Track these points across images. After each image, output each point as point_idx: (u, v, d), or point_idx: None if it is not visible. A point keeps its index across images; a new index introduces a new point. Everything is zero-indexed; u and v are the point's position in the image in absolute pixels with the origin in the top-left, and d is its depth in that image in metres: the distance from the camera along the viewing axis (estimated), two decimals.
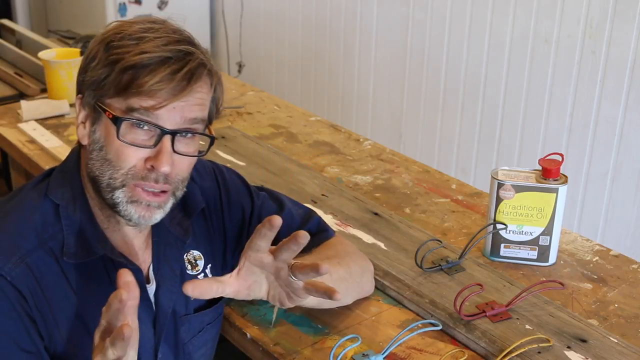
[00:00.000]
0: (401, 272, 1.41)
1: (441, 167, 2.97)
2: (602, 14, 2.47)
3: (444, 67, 3.02)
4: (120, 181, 1.07)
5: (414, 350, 1.22)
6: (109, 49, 1.06)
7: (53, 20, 4.24)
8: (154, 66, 1.03)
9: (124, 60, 1.03)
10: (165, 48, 1.04)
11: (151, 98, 1.03)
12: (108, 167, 1.07)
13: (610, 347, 1.23)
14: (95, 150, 1.08)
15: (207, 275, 1.28)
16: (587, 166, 2.63)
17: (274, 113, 2.20)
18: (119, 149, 1.06)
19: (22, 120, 2.06)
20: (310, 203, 1.63)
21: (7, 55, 2.55)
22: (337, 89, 3.55)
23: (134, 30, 1.06)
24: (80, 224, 1.10)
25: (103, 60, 1.06)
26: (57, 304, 1.07)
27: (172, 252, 1.21)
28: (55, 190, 1.11)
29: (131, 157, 1.06)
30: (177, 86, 1.04)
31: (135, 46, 1.04)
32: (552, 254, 1.47)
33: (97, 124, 1.08)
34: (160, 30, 1.07)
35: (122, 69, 1.03)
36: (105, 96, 1.06)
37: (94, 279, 1.10)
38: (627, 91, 2.46)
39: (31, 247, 1.06)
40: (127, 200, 1.08)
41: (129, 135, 1.05)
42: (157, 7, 3.90)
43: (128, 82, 1.03)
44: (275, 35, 3.83)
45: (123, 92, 1.04)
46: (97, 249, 1.10)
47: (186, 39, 1.09)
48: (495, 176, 1.45)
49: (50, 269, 1.07)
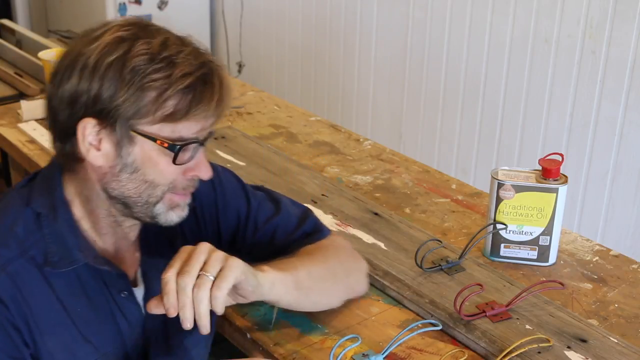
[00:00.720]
0: (401, 272, 1.41)
1: (441, 167, 2.97)
2: (602, 14, 2.47)
3: (444, 67, 3.02)
4: (159, 196, 1.09)
5: (414, 350, 1.22)
6: (136, 74, 1.01)
7: (53, 20, 4.24)
8: (197, 91, 1.03)
9: (170, 90, 1.01)
10: (196, 64, 1.04)
11: (198, 123, 1.05)
12: (147, 188, 1.07)
13: (610, 347, 1.23)
14: (124, 173, 1.06)
15: None
16: (587, 166, 2.63)
17: (274, 113, 2.20)
18: (165, 169, 1.06)
19: (22, 120, 2.06)
20: (310, 203, 1.63)
21: (7, 55, 2.55)
22: (337, 89, 3.54)
23: (156, 51, 1.02)
24: (61, 233, 1.08)
25: (131, 87, 1.01)
26: (41, 312, 1.06)
27: (161, 255, 1.20)
28: (37, 199, 1.10)
29: (173, 173, 1.08)
30: (218, 106, 1.06)
31: (171, 69, 1.02)
32: (552, 254, 1.47)
33: (127, 147, 1.05)
34: (177, 42, 1.05)
35: (166, 98, 1.01)
36: (145, 124, 1.03)
37: (79, 285, 1.09)
38: (627, 91, 2.46)
39: (12, 256, 1.05)
40: (167, 209, 1.10)
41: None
42: (157, 7, 3.90)
43: (176, 110, 1.02)
44: (275, 35, 3.83)
45: (170, 120, 1.03)
46: (79, 257, 1.08)
47: (195, 43, 1.08)
48: (495, 176, 1.45)
49: (32, 278, 1.06)
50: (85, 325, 1.10)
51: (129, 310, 1.14)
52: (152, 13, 3.89)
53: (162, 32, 1.07)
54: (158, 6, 3.90)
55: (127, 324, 1.14)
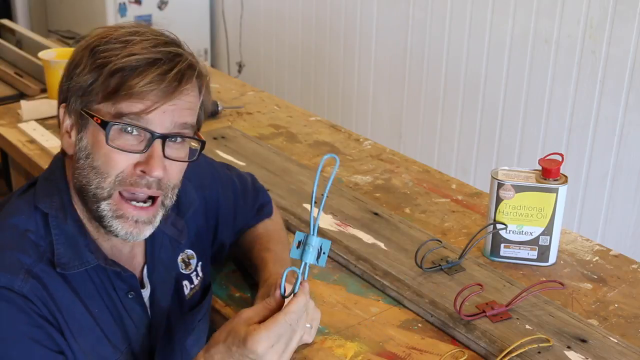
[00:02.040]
0: (401, 272, 1.41)
1: (441, 167, 2.97)
2: (602, 14, 2.47)
3: (444, 67, 3.02)
4: (107, 190, 1.04)
5: (414, 350, 1.22)
6: (95, 53, 1.03)
7: (53, 20, 4.24)
8: (143, 68, 1.01)
9: (112, 64, 1.01)
10: (153, 50, 1.02)
11: (141, 101, 1.01)
12: (95, 176, 1.04)
13: (610, 347, 1.22)
14: (81, 159, 1.05)
15: (199, 273, 1.28)
16: (587, 166, 2.63)
17: (274, 113, 2.20)
18: (108, 155, 1.03)
19: (22, 120, 2.06)
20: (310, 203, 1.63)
21: (7, 55, 2.55)
22: (337, 89, 3.55)
23: (119, 34, 1.04)
24: (71, 234, 1.07)
25: (89, 65, 1.03)
26: (69, 314, 1.06)
27: (166, 254, 1.20)
28: (43, 200, 1.09)
29: (120, 162, 1.03)
30: (168, 87, 1.02)
31: (123, 49, 1.02)
32: (552, 254, 1.47)
33: (83, 132, 1.05)
34: (147, 33, 1.05)
35: (110, 73, 1.01)
36: (93, 102, 1.03)
37: (93, 286, 1.09)
38: (627, 91, 2.46)
39: (32, 261, 1.04)
40: (113, 215, 1.05)
41: (118, 140, 1.03)
42: (157, 7, 3.90)
43: (117, 85, 1.01)
44: (275, 36, 3.83)
45: (112, 97, 1.01)
46: (90, 258, 1.08)
47: (174, 41, 1.07)
48: (495, 176, 1.45)
49: (54, 280, 1.05)
50: (105, 326, 1.10)
51: (134, 312, 1.14)
52: (152, 13, 3.89)
53: (151, 29, 1.07)
54: (158, 6, 3.90)
55: (134, 324, 1.14)
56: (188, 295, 1.25)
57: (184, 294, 1.24)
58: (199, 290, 1.28)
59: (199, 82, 1.08)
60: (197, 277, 1.27)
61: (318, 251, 1.00)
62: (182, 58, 1.04)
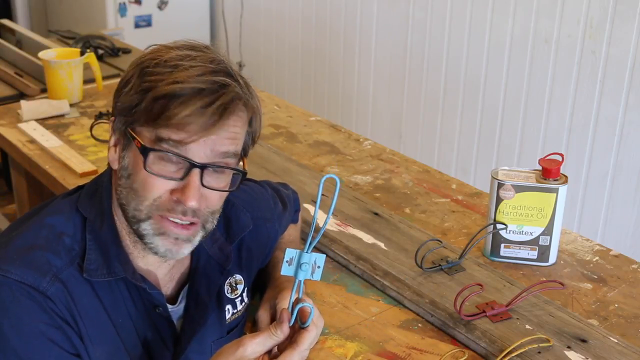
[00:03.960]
0: (401, 272, 1.41)
1: (441, 167, 2.97)
2: (602, 14, 2.47)
3: (444, 67, 3.02)
4: (145, 213, 1.03)
5: (414, 350, 1.23)
6: (143, 75, 1.01)
7: (53, 20, 4.24)
8: (186, 98, 0.98)
9: (156, 89, 0.99)
10: (199, 79, 0.99)
11: (181, 131, 0.99)
12: (133, 197, 1.03)
13: (610, 347, 1.23)
14: (123, 177, 1.05)
15: (244, 299, 1.26)
16: (587, 166, 2.63)
17: (274, 113, 2.20)
18: (146, 179, 1.02)
19: (22, 120, 2.06)
20: (310, 203, 1.63)
21: (7, 55, 2.55)
22: (337, 89, 3.55)
23: (170, 57, 1.02)
24: (104, 242, 1.07)
25: (136, 86, 1.02)
26: (90, 321, 1.06)
27: (211, 276, 1.18)
28: (85, 203, 1.09)
29: (157, 188, 1.02)
30: (208, 121, 0.99)
31: (169, 74, 1.00)
32: (552, 254, 1.47)
33: (126, 151, 1.04)
34: (198, 58, 1.02)
35: (153, 98, 0.99)
36: (136, 123, 1.02)
37: (120, 295, 1.09)
38: (627, 91, 2.46)
39: (62, 265, 1.04)
40: (155, 233, 1.04)
41: (157, 165, 1.01)
42: (157, 7, 3.90)
43: (159, 112, 0.99)
44: (275, 36, 3.83)
45: (153, 122, 1.00)
46: (119, 270, 1.07)
47: (223, 70, 1.03)
48: (495, 176, 1.45)
49: (81, 286, 1.05)
50: (125, 337, 1.10)
51: (162, 326, 1.13)
52: (152, 13, 3.89)
53: (205, 53, 1.04)
54: (158, 6, 3.90)
55: (161, 339, 1.13)
56: (229, 319, 1.23)
57: (225, 318, 1.22)
58: (241, 315, 1.26)
59: (247, 112, 1.05)
60: (241, 303, 1.26)
61: (312, 266, 0.98)
62: (227, 89, 1.01)
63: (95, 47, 2.62)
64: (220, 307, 1.21)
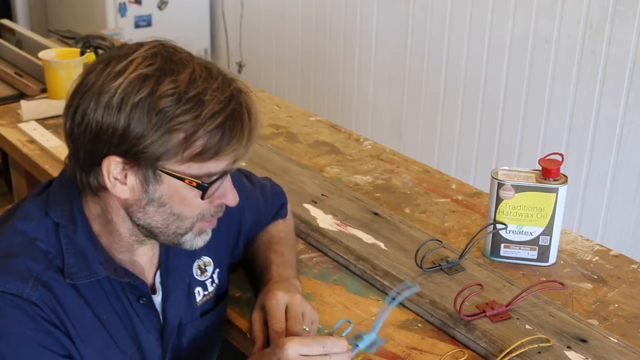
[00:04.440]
0: (401, 272, 1.41)
1: (441, 167, 2.97)
2: (602, 14, 2.47)
3: (444, 67, 3.02)
4: (188, 227, 1.08)
5: (414, 350, 1.22)
6: (163, 114, 0.97)
7: (53, 20, 4.24)
8: (227, 125, 1.00)
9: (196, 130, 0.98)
10: (223, 98, 1.00)
11: (227, 158, 1.03)
12: (175, 220, 1.06)
13: (610, 347, 1.23)
14: (151, 206, 1.05)
15: (215, 281, 1.27)
16: (587, 166, 2.63)
17: (274, 113, 2.20)
18: (192, 204, 1.05)
19: (22, 120, 2.06)
20: (310, 203, 1.63)
21: (7, 55, 2.55)
22: (337, 89, 3.55)
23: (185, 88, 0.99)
24: (80, 245, 1.07)
25: (162, 128, 0.98)
26: (77, 320, 1.06)
27: (181, 261, 1.20)
28: (55, 208, 1.08)
29: (200, 206, 1.06)
30: (249, 138, 1.04)
31: (198, 109, 0.98)
32: (552, 254, 1.47)
33: (154, 184, 1.02)
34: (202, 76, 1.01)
35: (194, 140, 0.99)
36: (169, 163, 1.00)
37: (103, 292, 1.09)
38: (627, 91, 2.46)
39: (42, 269, 1.04)
40: (195, 236, 1.10)
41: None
42: (157, 7, 3.90)
43: (203, 149, 0.99)
44: (275, 35, 3.83)
45: (196, 158, 1.00)
46: (100, 270, 1.07)
47: (223, 73, 1.05)
48: (495, 176, 1.45)
49: (63, 288, 1.05)
50: (114, 331, 1.10)
51: (146, 317, 1.14)
52: (152, 13, 3.88)
53: (188, 63, 1.01)
54: (158, 6, 3.90)
55: (145, 330, 1.14)
56: (200, 302, 1.24)
57: (195, 300, 1.23)
58: (213, 297, 1.27)
59: None
60: (212, 284, 1.27)
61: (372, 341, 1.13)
62: (241, 95, 1.05)
63: (95, 47, 2.62)
64: (191, 290, 1.23)
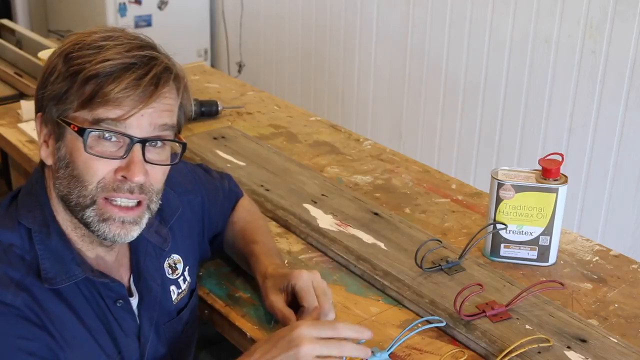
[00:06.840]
0: (401, 272, 1.41)
1: (441, 167, 2.97)
2: (602, 14, 2.47)
3: (444, 67, 3.02)
4: (90, 198, 1.03)
5: (414, 350, 1.22)
6: (69, 60, 1.01)
7: (53, 20, 4.24)
8: (118, 73, 0.99)
9: (86, 70, 0.99)
10: (127, 54, 1.01)
11: (118, 107, 1.00)
12: (76, 184, 1.03)
13: (610, 347, 1.23)
14: (61, 169, 1.04)
15: (186, 278, 1.28)
16: (587, 166, 2.63)
17: (274, 113, 2.20)
18: (87, 162, 1.02)
19: (22, 120, 2.06)
20: (310, 203, 1.63)
21: (7, 55, 2.55)
22: (337, 89, 3.55)
23: (92, 40, 1.03)
24: (56, 249, 1.06)
25: (63, 72, 1.01)
26: (61, 324, 1.05)
27: (152, 262, 1.20)
28: (26, 215, 1.07)
29: (100, 169, 1.02)
30: (145, 92, 1.00)
31: (96, 55, 1.00)
32: (552, 254, 1.47)
33: (61, 141, 1.04)
34: (120, 37, 1.04)
35: (84, 80, 0.99)
36: (69, 110, 1.02)
37: (82, 296, 1.08)
38: (627, 91, 2.46)
39: (21, 275, 1.03)
40: (99, 219, 1.04)
41: (97, 147, 1.02)
42: (157, 7, 3.90)
43: (92, 92, 0.99)
44: (275, 35, 3.84)
45: (88, 104, 1.00)
46: (77, 271, 1.06)
47: (149, 44, 1.05)
48: (495, 176, 1.45)
49: (44, 293, 1.04)
50: (98, 336, 1.10)
51: (124, 320, 1.13)
52: (152, 13, 3.89)
53: (125, 32, 1.05)
54: (158, 6, 3.90)
55: (123, 333, 1.13)
56: (175, 300, 1.24)
57: (171, 299, 1.24)
58: (186, 295, 1.28)
59: (177, 84, 1.07)
60: (184, 282, 1.27)
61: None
62: (157, 61, 1.03)
63: None
64: (165, 289, 1.22)
